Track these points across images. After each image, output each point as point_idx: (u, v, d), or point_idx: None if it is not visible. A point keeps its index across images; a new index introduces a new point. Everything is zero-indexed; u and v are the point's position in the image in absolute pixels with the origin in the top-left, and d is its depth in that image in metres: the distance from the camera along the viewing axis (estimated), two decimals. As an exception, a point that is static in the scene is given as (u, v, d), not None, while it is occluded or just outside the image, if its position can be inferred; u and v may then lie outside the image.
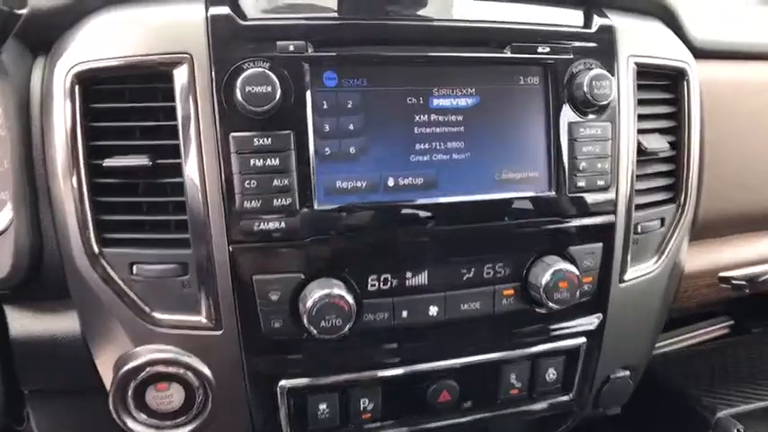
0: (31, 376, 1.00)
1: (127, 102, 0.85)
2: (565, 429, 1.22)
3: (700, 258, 1.26)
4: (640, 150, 1.03)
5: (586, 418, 1.22)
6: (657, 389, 1.58)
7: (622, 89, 0.99)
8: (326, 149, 0.86)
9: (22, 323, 0.96)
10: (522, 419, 1.14)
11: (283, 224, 0.85)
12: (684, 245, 1.17)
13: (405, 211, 0.90)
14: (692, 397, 1.53)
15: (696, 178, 1.12)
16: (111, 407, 0.88)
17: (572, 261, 0.97)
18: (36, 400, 1.06)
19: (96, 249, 0.86)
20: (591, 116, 0.96)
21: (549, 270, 0.93)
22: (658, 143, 1.06)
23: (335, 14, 0.88)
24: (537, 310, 0.99)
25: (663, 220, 1.11)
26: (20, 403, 1.06)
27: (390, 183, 0.89)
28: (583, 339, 1.05)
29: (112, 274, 0.87)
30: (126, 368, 0.87)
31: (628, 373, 1.15)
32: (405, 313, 0.92)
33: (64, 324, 0.95)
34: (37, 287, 0.93)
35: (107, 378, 0.92)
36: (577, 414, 1.16)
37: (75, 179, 0.84)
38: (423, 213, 0.90)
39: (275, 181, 0.83)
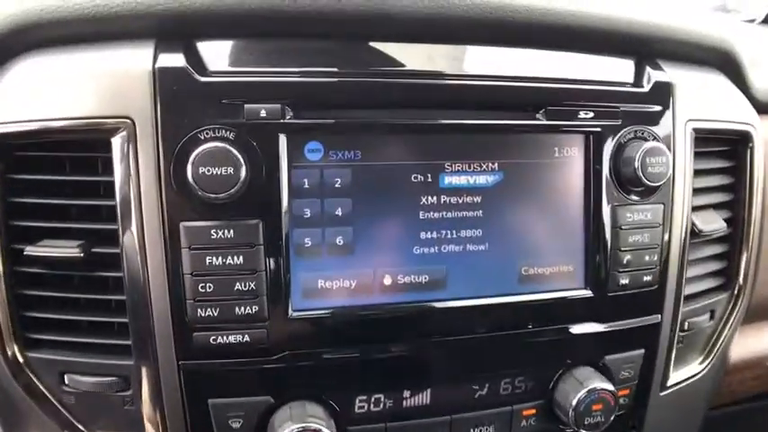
0: None
1: (58, 174, 0.67)
2: None
3: (746, 346, 1.07)
4: (693, 232, 0.85)
5: None
6: None
7: (678, 163, 0.80)
8: (306, 241, 0.68)
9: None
10: None
11: (247, 338, 0.67)
12: (734, 338, 0.98)
13: (405, 318, 0.72)
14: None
15: (755, 261, 0.94)
16: None
17: (607, 373, 0.79)
18: None
19: (19, 354, 0.69)
20: (639, 197, 0.78)
21: (581, 390, 0.75)
22: (715, 223, 0.88)
23: (321, 69, 0.68)
24: (562, 429, 0.81)
25: (713, 312, 0.93)
26: None
27: (387, 281, 0.71)
28: None
29: (38, 384, 0.70)
30: None
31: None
32: None
33: None
34: None
35: None
36: None
37: None
38: (427, 320, 0.72)
39: (238, 284, 0.65)
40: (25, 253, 0.66)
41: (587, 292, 0.77)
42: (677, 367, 0.89)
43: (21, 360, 0.69)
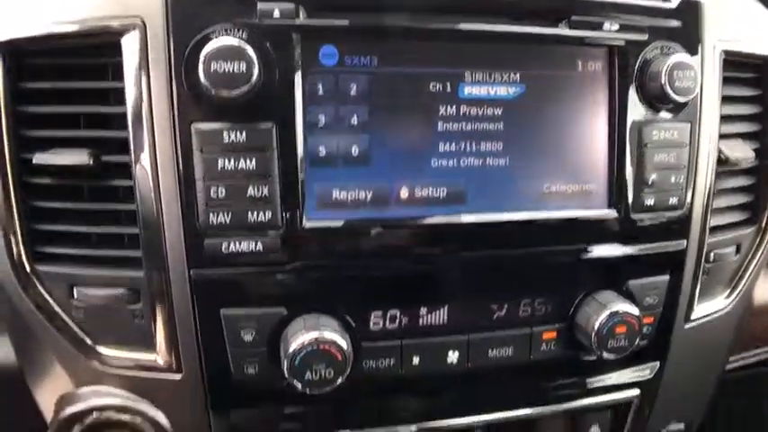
0: None
1: (66, 80, 0.65)
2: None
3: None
4: (720, 160, 0.82)
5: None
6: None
7: (707, 82, 0.77)
8: (321, 149, 0.66)
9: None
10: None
11: (260, 246, 0.65)
12: (761, 276, 0.95)
13: (422, 231, 0.69)
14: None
15: None
16: None
17: (631, 299, 0.76)
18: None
19: (28, 267, 0.68)
20: (666, 115, 0.75)
21: (603, 311, 0.73)
22: (742, 151, 0.84)
23: None
24: (583, 356, 0.79)
25: (738, 247, 0.89)
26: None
27: (404, 194, 0.69)
28: (635, 392, 0.85)
29: (48, 298, 0.69)
30: (66, 413, 0.69)
31: (682, 426, 0.95)
32: (416, 360, 0.72)
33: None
34: None
35: (49, 420, 0.74)
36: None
37: (0, 177, 0.66)
38: (445, 235, 0.70)
39: (250, 189, 0.63)
40: (35, 161, 0.65)
41: (611, 212, 0.74)
42: (702, 300, 0.86)
43: (30, 274, 0.68)
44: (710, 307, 0.87)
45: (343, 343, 0.66)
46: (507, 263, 0.73)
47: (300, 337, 0.64)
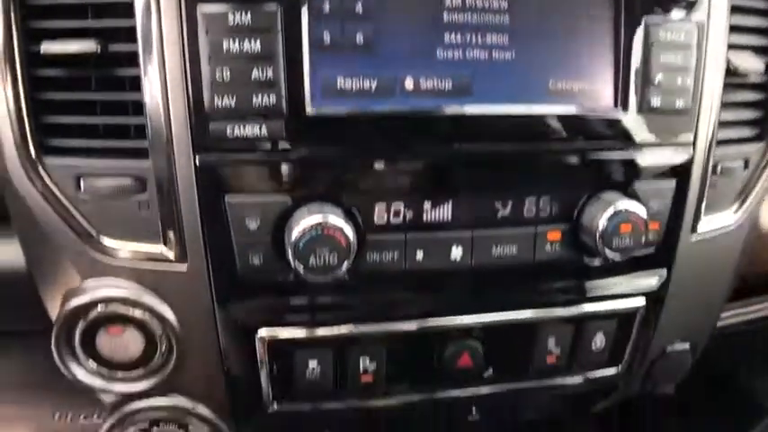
0: None
1: None
2: (603, 407, 1.03)
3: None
4: (728, 71, 0.81)
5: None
6: (706, 369, 1.39)
7: None
8: (325, 36, 0.65)
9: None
10: (555, 394, 0.94)
11: (265, 130, 0.65)
12: None
13: (427, 121, 0.69)
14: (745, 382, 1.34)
15: None
16: (53, 350, 0.72)
17: (636, 200, 0.76)
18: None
19: (35, 158, 0.69)
20: (674, 15, 0.74)
21: (608, 209, 0.72)
22: (752, 63, 0.83)
23: None
24: (588, 260, 0.79)
25: (747, 161, 0.89)
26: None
27: (409, 85, 0.68)
28: (641, 301, 0.84)
29: (55, 189, 0.69)
30: (71, 305, 0.70)
31: (687, 346, 0.95)
32: (420, 254, 0.72)
33: (5, 254, 0.79)
34: None
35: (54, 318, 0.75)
36: (622, 391, 0.97)
37: (8, 70, 0.66)
38: (451, 126, 0.70)
39: (255, 72, 0.63)
40: (42, 50, 0.65)
41: (617, 111, 0.74)
42: (709, 213, 0.85)
43: (38, 166, 0.69)
44: (717, 220, 0.87)
45: (349, 230, 0.66)
46: (511, 158, 0.73)
47: (305, 221, 0.65)
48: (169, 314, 0.72)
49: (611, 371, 0.89)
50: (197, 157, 0.66)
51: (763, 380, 1.33)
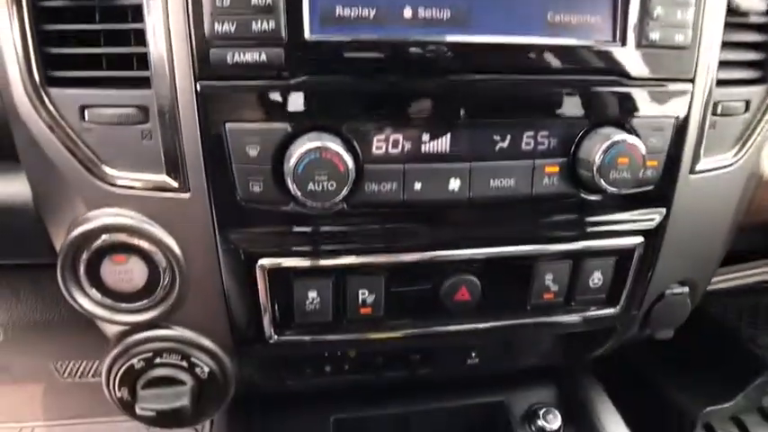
0: None
1: None
2: (602, 353, 1.04)
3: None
4: (729, 9, 0.81)
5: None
6: (710, 325, 1.40)
7: None
8: None
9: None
10: (553, 334, 0.95)
11: (264, 57, 0.66)
12: None
13: (425, 51, 0.69)
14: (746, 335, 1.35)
15: None
16: (59, 278, 0.73)
17: (635, 135, 0.76)
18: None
19: (41, 89, 0.70)
20: None
21: (606, 141, 0.73)
22: (753, 2, 0.83)
23: None
24: (586, 196, 0.79)
25: (748, 103, 0.89)
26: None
27: (407, 14, 0.69)
28: (639, 239, 0.85)
29: (60, 119, 0.70)
30: (76, 233, 0.71)
31: (686, 289, 0.95)
32: (418, 185, 0.73)
33: (12, 187, 0.80)
34: None
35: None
36: (620, 334, 0.97)
37: (14, 2, 0.67)
38: (448, 56, 0.70)
39: None
40: None
41: (616, 44, 0.74)
42: (709, 154, 0.86)
43: (44, 97, 0.70)
44: (717, 161, 0.87)
45: (346, 157, 0.67)
46: (509, 91, 0.73)
47: (304, 146, 0.66)
48: (172, 243, 0.73)
49: (609, 310, 0.90)
50: (198, 84, 0.67)
51: (765, 336, 1.34)
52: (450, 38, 0.70)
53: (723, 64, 0.82)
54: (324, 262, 0.76)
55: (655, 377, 1.41)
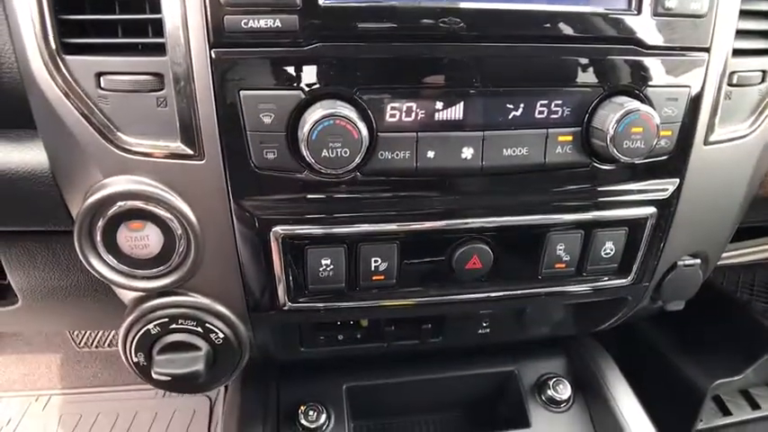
0: None
1: None
2: (613, 324, 1.04)
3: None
4: None
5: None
6: (722, 298, 1.40)
7: None
8: None
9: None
10: (564, 304, 0.96)
11: (278, 23, 0.66)
12: None
13: (440, 18, 0.69)
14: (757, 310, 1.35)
15: None
16: (75, 244, 0.74)
17: (649, 105, 0.75)
18: (7, 241, 0.93)
19: (57, 56, 0.70)
20: None
21: (620, 110, 0.72)
22: None
23: None
24: (598, 165, 0.79)
25: (764, 73, 0.87)
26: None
27: None
28: (652, 209, 0.85)
29: (76, 87, 0.71)
30: (92, 200, 0.72)
31: (698, 261, 0.95)
32: (431, 154, 0.73)
33: (30, 155, 0.81)
34: None
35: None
36: (631, 305, 0.98)
37: None
38: (463, 23, 0.70)
39: None
40: None
41: (631, 13, 0.73)
42: (723, 125, 0.85)
43: (60, 63, 0.70)
44: (732, 132, 0.86)
45: (360, 124, 0.67)
46: (523, 59, 0.73)
47: (318, 113, 0.66)
48: (187, 210, 0.74)
49: (620, 281, 0.90)
50: (212, 51, 0.67)
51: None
52: (465, 5, 0.69)
53: (740, 33, 0.81)
54: (337, 230, 0.77)
55: (665, 350, 1.42)
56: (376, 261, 0.79)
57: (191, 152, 0.72)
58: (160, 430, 1.87)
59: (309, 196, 0.75)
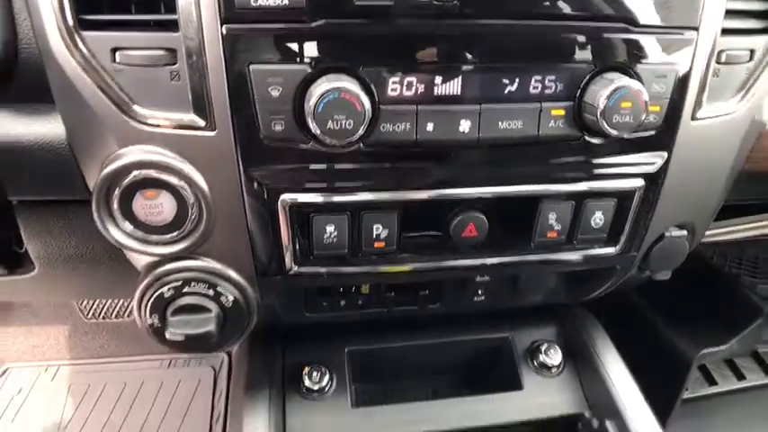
0: (16, 185, 0.91)
1: None
2: (602, 293, 1.09)
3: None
4: None
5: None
6: (705, 268, 1.45)
7: None
8: None
9: (3, 126, 0.85)
10: (555, 272, 1.01)
11: (286, 0, 0.69)
12: None
13: None
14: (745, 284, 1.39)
15: None
16: (93, 212, 0.78)
17: (639, 81, 0.79)
18: (25, 211, 0.98)
19: (75, 32, 0.74)
20: None
21: (610, 86, 0.76)
22: None
23: None
24: (590, 139, 0.83)
25: (752, 52, 0.91)
26: (8, 215, 0.98)
27: None
28: (640, 182, 0.89)
29: (93, 62, 0.74)
30: (109, 170, 0.76)
31: (685, 233, 1.00)
32: (430, 126, 0.77)
33: (48, 128, 0.84)
34: (16, 86, 0.82)
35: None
36: (620, 274, 1.03)
37: None
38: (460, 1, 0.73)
39: None
40: None
41: None
42: (711, 101, 0.88)
43: (77, 39, 0.74)
44: (719, 109, 0.90)
45: (363, 97, 0.71)
46: (518, 35, 0.76)
47: (324, 86, 0.70)
48: (199, 179, 0.78)
49: (609, 250, 0.95)
50: (223, 27, 0.70)
51: (765, 284, 1.39)
52: None
53: (729, 13, 0.85)
54: (341, 198, 0.81)
55: (654, 321, 1.47)
56: (377, 228, 0.84)
57: (202, 123, 0.75)
58: (166, 399, 1.93)
59: (315, 166, 0.79)
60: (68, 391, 1.95)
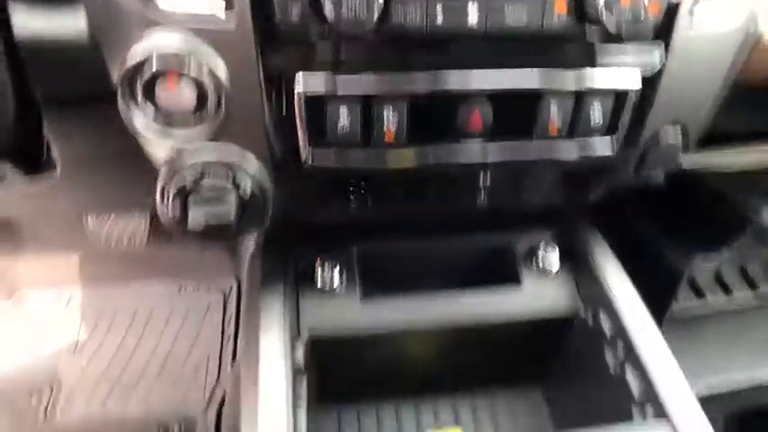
0: (41, 81, 0.94)
1: None
2: (601, 193, 1.14)
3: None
4: None
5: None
6: (703, 188, 1.50)
7: None
8: None
9: (27, 22, 0.88)
10: (555, 169, 1.05)
11: None
12: None
13: None
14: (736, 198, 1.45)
15: None
16: (119, 102, 0.82)
17: None
18: (50, 108, 1.01)
19: None
20: None
21: None
22: None
23: None
24: (590, 37, 0.88)
25: None
26: (34, 112, 1.02)
27: None
28: (638, 79, 0.94)
29: None
30: (133, 60, 0.80)
31: (679, 130, 1.04)
32: (440, 18, 0.81)
33: (72, 22, 0.87)
34: None
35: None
36: (617, 173, 1.08)
37: None
38: None
39: None
40: None
41: None
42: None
43: None
44: (715, 7, 0.93)
45: None
46: None
47: None
48: (219, 65, 0.82)
49: (607, 145, 0.99)
50: None
51: (754, 197, 1.44)
52: None
53: None
54: (353, 87, 0.85)
55: (650, 235, 1.53)
56: (387, 119, 0.88)
57: (222, 13, 0.79)
58: (177, 324, 2.00)
59: (327, 55, 0.83)
60: (81, 317, 2.02)
